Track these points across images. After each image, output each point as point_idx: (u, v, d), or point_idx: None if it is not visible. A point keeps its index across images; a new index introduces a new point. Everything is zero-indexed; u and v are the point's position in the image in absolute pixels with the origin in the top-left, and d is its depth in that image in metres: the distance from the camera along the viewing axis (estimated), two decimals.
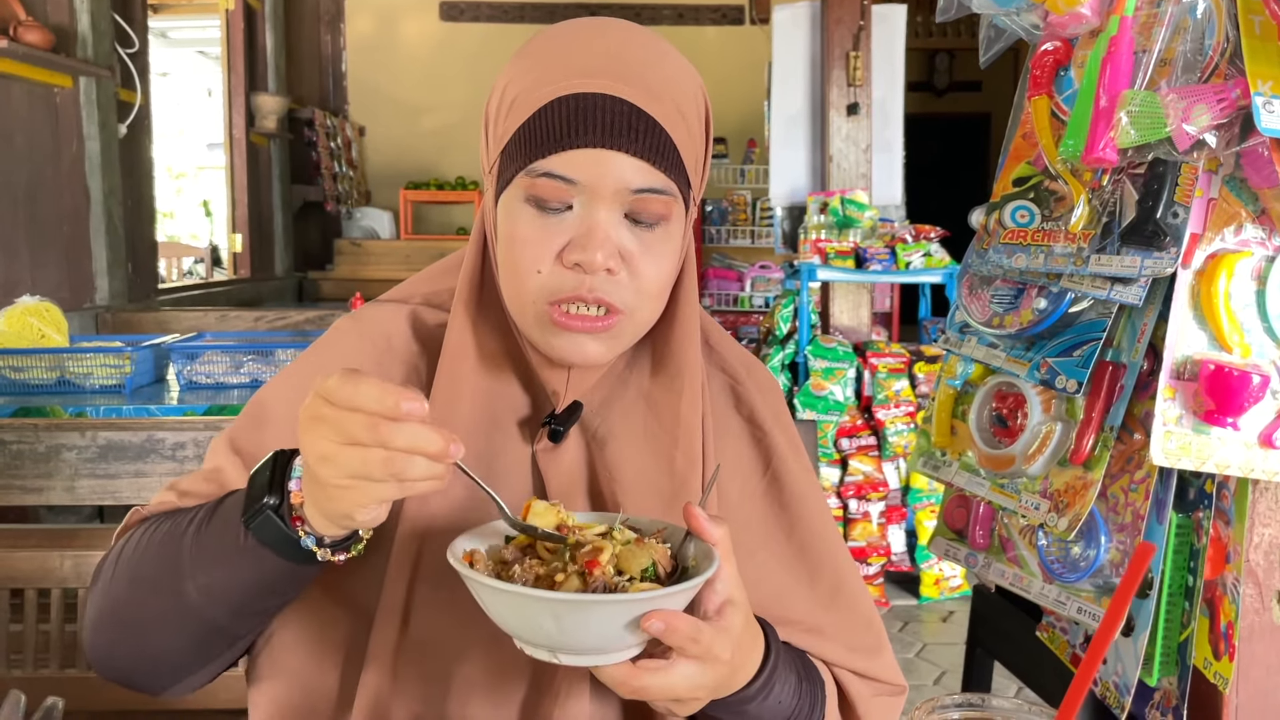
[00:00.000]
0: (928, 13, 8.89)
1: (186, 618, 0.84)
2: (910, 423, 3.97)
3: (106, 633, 0.89)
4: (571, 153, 0.83)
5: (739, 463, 1.00)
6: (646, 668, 0.75)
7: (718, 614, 0.77)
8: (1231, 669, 1.08)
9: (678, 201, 0.87)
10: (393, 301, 1.01)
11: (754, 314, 6.91)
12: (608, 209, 0.84)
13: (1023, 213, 1.23)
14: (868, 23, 4.50)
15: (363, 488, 0.71)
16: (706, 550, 0.78)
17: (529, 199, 0.85)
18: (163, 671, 0.89)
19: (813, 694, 0.93)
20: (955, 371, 1.40)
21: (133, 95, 4.61)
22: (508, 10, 8.35)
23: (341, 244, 7.45)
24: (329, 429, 0.70)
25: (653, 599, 0.71)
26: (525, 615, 0.72)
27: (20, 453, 2.34)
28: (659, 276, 0.88)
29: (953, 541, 1.40)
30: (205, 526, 0.83)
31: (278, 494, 0.78)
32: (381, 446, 0.69)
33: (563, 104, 0.83)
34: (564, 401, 0.93)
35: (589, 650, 0.73)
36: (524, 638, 0.74)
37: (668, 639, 0.73)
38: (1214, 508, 1.10)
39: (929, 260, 4.22)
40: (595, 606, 0.71)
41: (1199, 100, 1.00)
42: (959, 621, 3.77)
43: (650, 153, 0.84)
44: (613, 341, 0.88)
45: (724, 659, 0.77)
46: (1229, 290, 1.05)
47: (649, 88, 0.85)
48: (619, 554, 0.76)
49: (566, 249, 0.84)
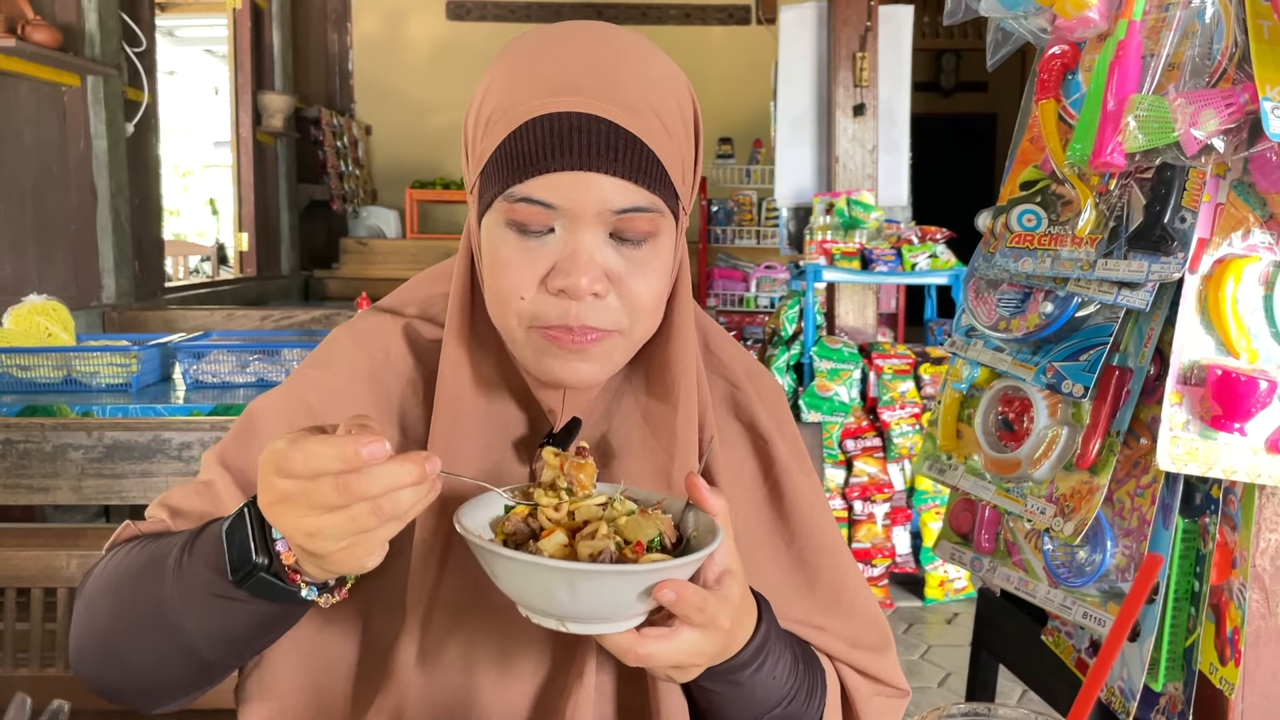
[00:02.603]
0: (934, 13, 8.89)
1: (187, 657, 0.83)
2: (915, 424, 3.97)
3: (92, 658, 0.88)
4: (549, 176, 0.80)
5: (739, 470, 0.99)
6: (651, 635, 0.76)
7: (718, 583, 0.78)
8: (1237, 674, 1.07)
9: (665, 216, 0.84)
10: (388, 312, 0.99)
11: (759, 314, 6.91)
12: (591, 231, 0.81)
13: (1030, 216, 1.23)
14: (874, 23, 4.50)
15: (362, 542, 0.69)
16: (707, 521, 0.80)
17: (509, 223, 0.82)
18: (154, 695, 0.88)
19: (811, 679, 0.93)
20: (961, 375, 1.40)
21: (140, 94, 4.62)
22: (514, 9, 8.37)
23: (347, 243, 7.46)
24: (302, 506, 0.68)
25: (666, 569, 0.73)
26: (540, 585, 0.73)
27: (27, 452, 2.35)
28: (650, 294, 0.85)
29: (958, 545, 1.40)
30: (188, 567, 0.80)
31: (264, 554, 0.75)
32: (362, 500, 0.67)
33: (538, 125, 0.80)
34: (561, 420, 0.92)
35: (598, 619, 0.75)
36: (535, 607, 0.75)
37: (677, 608, 0.74)
38: (1220, 513, 1.10)
39: (935, 261, 4.22)
40: (611, 577, 0.72)
41: (1207, 105, 1.00)
42: (964, 624, 3.77)
43: (632, 171, 0.81)
44: (605, 360, 0.86)
45: (724, 627, 0.78)
46: (1236, 295, 1.04)
47: (627, 102, 0.81)
48: (626, 524, 0.78)
49: (551, 274, 0.82)
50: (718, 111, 7.69)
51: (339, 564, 0.71)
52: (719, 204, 7.46)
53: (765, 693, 0.88)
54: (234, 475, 0.91)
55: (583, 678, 0.89)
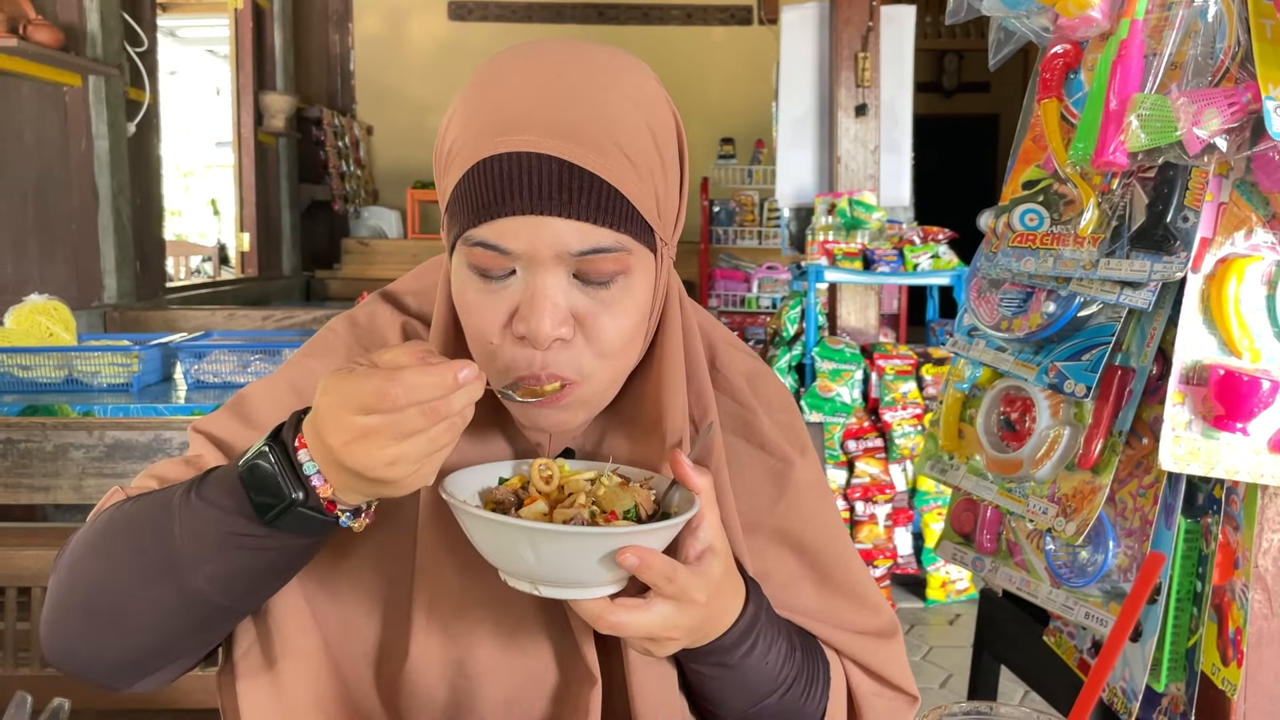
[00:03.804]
0: (937, 13, 8.89)
1: (190, 604, 0.81)
2: (917, 425, 3.97)
3: (76, 623, 0.85)
4: (502, 221, 0.77)
5: (752, 494, 0.97)
6: (623, 604, 0.76)
7: (698, 559, 0.79)
8: (1240, 675, 1.07)
9: (634, 253, 0.81)
10: (389, 302, 0.99)
11: (761, 315, 6.90)
12: (552, 274, 0.79)
13: (1032, 216, 1.23)
14: (876, 23, 4.50)
15: (435, 459, 0.73)
16: (690, 498, 0.80)
17: (471, 266, 0.81)
18: (139, 660, 0.86)
19: (811, 668, 0.92)
20: (963, 375, 1.40)
21: (141, 94, 4.62)
22: (515, 9, 8.36)
23: (349, 243, 7.46)
24: (386, 437, 0.70)
25: (629, 534, 0.74)
26: (505, 543, 0.75)
27: (28, 451, 2.35)
28: (619, 334, 0.82)
29: (960, 545, 1.40)
30: (200, 512, 0.79)
31: (299, 488, 0.75)
32: (446, 418, 0.70)
33: (490, 165, 0.77)
34: (550, 451, 0.91)
35: (567, 583, 0.76)
36: (506, 568, 0.77)
37: (642, 574, 0.74)
38: (1223, 513, 1.09)
39: (937, 262, 4.22)
40: (570, 537, 0.73)
41: (1210, 104, 0.99)
42: (966, 624, 3.76)
43: (589, 211, 0.77)
44: (578, 409, 0.85)
45: (700, 601, 0.78)
46: (1239, 295, 1.04)
47: (584, 137, 0.77)
48: (603, 495, 0.79)
49: (514, 319, 0.80)
50: (719, 112, 7.69)
51: (408, 486, 0.74)
52: (720, 204, 7.46)
53: (759, 678, 0.87)
54: (222, 450, 0.92)
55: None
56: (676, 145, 0.85)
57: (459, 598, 0.89)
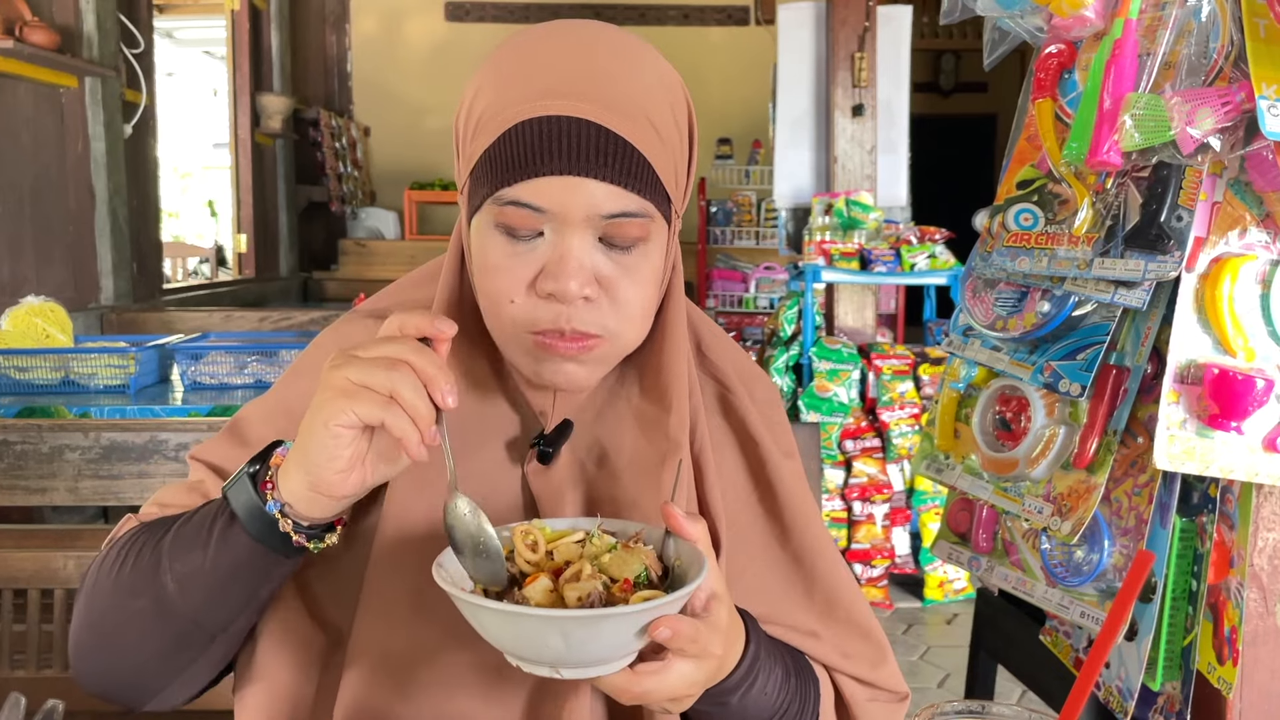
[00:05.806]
0: (933, 13, 8.89)
1: (163, 614, 0.84)
2: (915, 425, 3.97)
3: (88, 641, 0.88)
4: (538, 180, 0.80)
5: (730, 472, 0.98)
6: (645, 672, 0.75)
7: (705, 609, 0.78)
8: (1235, 674, 1.07)
9: (655, 221, 0.84)
10: (373, 317, 0.99)
11: (758, 315, 6.90)
12: (580, 235, 0.81)
13: (1026, 216, 1.23)
14: (873, 24, 4.50)
15: (396, 421, 0.75)
16: (689, 548, 0.79)
17: (498, 226, 0.83)
18: (142, 680, 0.88)
19: (804, 690, 0.93)
20: (959, 374, 1.40)
21: (138, 95, 4.61)
22: (513, 10, 8.36)
23: (346, 244, 7.46)
24: (360, 366, 0.76)
25: (659, 607, 0.72)
26: (528, 634, 0.71)
27: (24, 453, 2.34)
28: (640, 300, 0.85)
29: (956, 545, 1.40)
30: (188, 521, 0.85)
31: (259, 463, 0.82)
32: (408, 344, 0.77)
33: (528, 128, 0.80)
34: (552, 421, 0.92)
35: (593, 662, 0.74)
36: (527, 657, 0.74)
37: (673, 644, 0.74)
38: (1218, 512, 1.10)
39: (934, 262, 4.22)
40: (606, 621, 0.71)
41: (1203, 103, 0.99)
42: (963, 624, 3.76)
43: (621, 176, 0.80)
44: (596, 365, 0.86)
45: (716, 654, 0.78)
46: (1233, 294, 1.04)
47: (618, 105, 0.81)
48: (610, 562, 0.77)
49: (540, 278, 0.82)
50: (716, 112, 7.68)
51: (383, 452, 0.79)
52: (718, 205, 7.45)
53: (756, 710, 0.88)
54: (221, 475, 0.93)
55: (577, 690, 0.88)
56: (689, 128, 0.89)
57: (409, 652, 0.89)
